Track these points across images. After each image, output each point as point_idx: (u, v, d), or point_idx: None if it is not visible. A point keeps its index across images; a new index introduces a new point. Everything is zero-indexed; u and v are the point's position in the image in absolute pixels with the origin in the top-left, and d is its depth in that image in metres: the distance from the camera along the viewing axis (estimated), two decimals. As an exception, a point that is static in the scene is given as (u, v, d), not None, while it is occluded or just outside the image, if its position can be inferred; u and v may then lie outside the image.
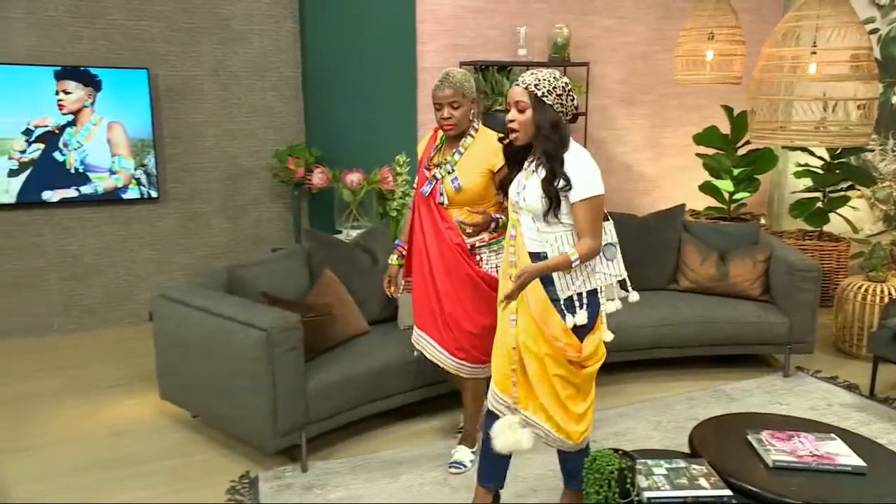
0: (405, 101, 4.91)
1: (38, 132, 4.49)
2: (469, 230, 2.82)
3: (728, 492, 2.22)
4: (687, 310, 4.03)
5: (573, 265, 2.34)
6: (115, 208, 4.85)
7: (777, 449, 2.44)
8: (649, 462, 2.39)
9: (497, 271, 2.82)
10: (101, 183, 4.71)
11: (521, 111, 2.36)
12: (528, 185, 2.41)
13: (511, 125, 2.40)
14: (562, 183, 2.33)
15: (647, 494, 2.23)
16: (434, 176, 2.91)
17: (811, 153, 5.37)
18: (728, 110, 5.48)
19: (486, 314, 2.88)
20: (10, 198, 4.51)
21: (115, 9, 4.61)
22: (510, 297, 2.37)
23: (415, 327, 3.09)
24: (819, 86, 3.61)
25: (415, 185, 3.09)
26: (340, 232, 4.62)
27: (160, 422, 3.59)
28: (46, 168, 4.55)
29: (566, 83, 2.39)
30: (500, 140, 2.63)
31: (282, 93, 5.16)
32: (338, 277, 3.59)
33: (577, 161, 2.36)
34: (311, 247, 3.71)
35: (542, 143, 2.36)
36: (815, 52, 3.50)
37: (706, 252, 4.29)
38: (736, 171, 5.42)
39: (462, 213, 2.87)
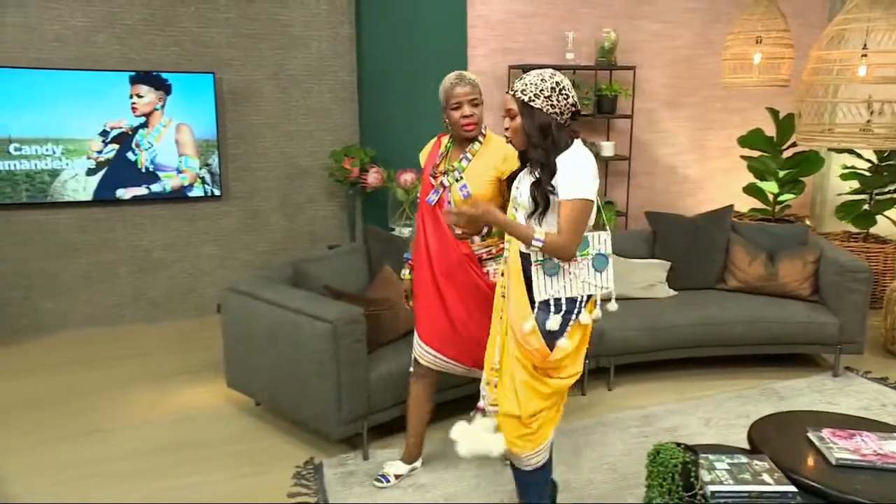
0: (456, 104, 4.90)
1: (113, 133, 4.61)
2: (459, 232, 2.58)
3: (792, 488, 2.16)
4: (736, 309, 3.95)
5: (531, 245, 2.19)
6: (181, 206, 4.95)
7: (839, 447, 2.37)
8: (710, 457, 2.34)
9: None
10: (169, 181, 4.81)
11: (511, 118, 2.29)
12: (523, 182, 2.34)
13: (506, 133, 2.34)
14: (549, 188, 2.23)
15: (710, 488, 2.18)
16: (441, 184, 2.70)
17: (858, 155, 5.23)
18: (773, 113, 5.37)
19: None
20: (88, 195, 4.63)
21: (186, 17, 4.70)
22: (454, 214, 2.28)
23: (418, 341, 2.85)
24: (867, 88, 3.50)
25: (419, 195, 2.87)
26: (393, 230, 4.64)
27: (225, 409, 3.64)
28: (120, 167, 4.66)
29: (557, 82, 2.25)
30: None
31: (338, 95, 5.21)
32: (396, 273, 3.60)
33: (571, 162, 2.24)
34: (370, 243, 3.74)
35: (531, 150, 2.27)
36: (865, 55, 3.41)
37: (755, 252, 4.20)
38: (781, 173, 5.30)
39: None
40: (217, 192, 4.96)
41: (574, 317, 2.29)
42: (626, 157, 5.35)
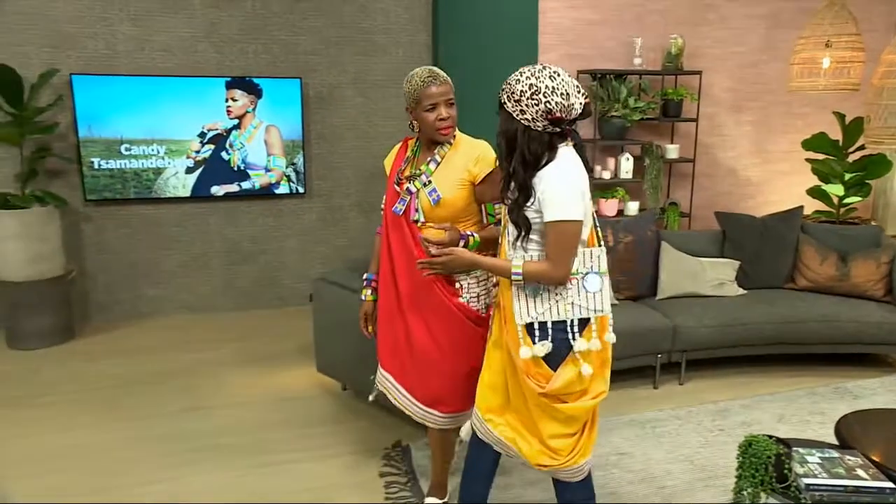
0: (527, 108, 4.88)
1: (210, 134, 4.74)
2: (433, 249, 2.21)
3: (891, 484, 2.08)
4: (807, 308, 3.83)
5: (511, 279, 1.94)
6: (268, 202, 5.06)
7: (934, 445, 2.28)
8: (801, 450, 2.28)
9: (479, 301, 2.33)
10: (258, 179, 4.92)
11: None
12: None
13: None
14: (524, 211, 1.96)
15: (804, 481, 2.12)
16: (407, 190, 2.30)
17: (928, 159, 5.01)
18: (840, 117, 5.18)
19: (466, 353, 2.30)
20: (186, 192, 4.78)
21: (276, 26, 4.80)
22: (424, 266, 2.10)
23: (379, 367, 2.53)
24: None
25: (383, 205, 2.46)
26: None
27: (315, 392, 3.70)
28: (215, 166, 4.79)
29: (531, 84, 1.86)
30: None
31: (414, 100, 5.23)
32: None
33: (549, 179, 1.90)
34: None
35: (502, 163, 1.98)
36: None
37: (825, 253, 4.06)
38: (847, 176, 5.11)
39: (426, 228, 2.30)
40: (301, 190, 5.05)
41: (569, 343, 1.98)
42: (691, 159, 5.24)
